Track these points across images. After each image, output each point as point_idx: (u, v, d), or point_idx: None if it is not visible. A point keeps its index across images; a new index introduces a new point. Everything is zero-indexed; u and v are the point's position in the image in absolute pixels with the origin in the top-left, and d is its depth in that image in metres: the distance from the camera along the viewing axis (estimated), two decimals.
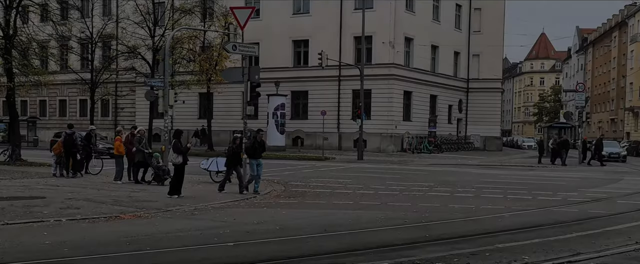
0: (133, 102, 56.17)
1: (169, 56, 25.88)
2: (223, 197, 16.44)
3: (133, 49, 43.03)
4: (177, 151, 16.31)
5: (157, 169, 19.44)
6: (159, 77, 26.58)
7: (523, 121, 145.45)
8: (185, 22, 40.69)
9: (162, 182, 19.04)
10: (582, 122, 41.22)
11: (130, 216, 12.86)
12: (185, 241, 9.96)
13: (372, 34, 45.12)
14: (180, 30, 37.73)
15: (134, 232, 10.85)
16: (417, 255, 8.56)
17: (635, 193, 18.65)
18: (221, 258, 8.48)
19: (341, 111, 47.95)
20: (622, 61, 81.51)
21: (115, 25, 47.48)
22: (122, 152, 19.99)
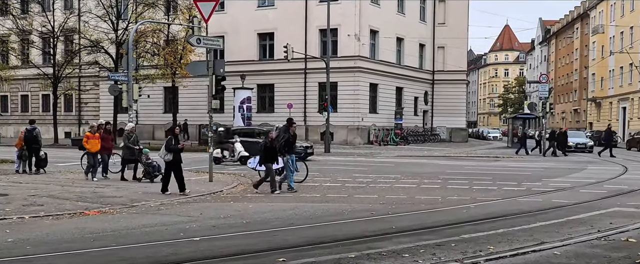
0: (97, 97, 55.52)
1: (132, 50, 25.62)
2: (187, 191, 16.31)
3: (96, 43, 42.43)
4: (168, 149, 15.94)
5: (147, 166, 19.01)
6: (123, 72, 26.24)
7: (488, 112, 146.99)
8: (149, 16, 40.26)
9: (152, 179, 18.64)
10: (546, 113, 41.73)
11: (95, 213, 12.71)
12: (151, 237, 9.87)
13: (338, 27, 45.15)
14: (143, 24, 37.31)
15: (99, 228, 10.72)
16: (384, 247, 8.57)
17: (598, 183, 18.92)
18: (187, 253, 8.41)
19: (308, 103, 47.94)
20: (584, 52, 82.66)
21: (77, 19, 46.77)
22: (90, 148, 19.29)
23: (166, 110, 51.32)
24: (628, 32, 64.76)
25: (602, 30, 72.69)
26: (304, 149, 29.10)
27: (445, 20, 57.07)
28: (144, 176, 19.05)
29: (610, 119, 69.54)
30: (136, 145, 19.43)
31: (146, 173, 19.00)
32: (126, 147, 19.35)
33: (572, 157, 34.56)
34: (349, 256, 7.95)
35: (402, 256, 7.98)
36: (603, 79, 73.88)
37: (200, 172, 21.08)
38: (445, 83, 57.12)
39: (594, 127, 72.29)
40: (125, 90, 24.43)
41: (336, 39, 46.23)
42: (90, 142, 19.32)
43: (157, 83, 43.07)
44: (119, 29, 41.35)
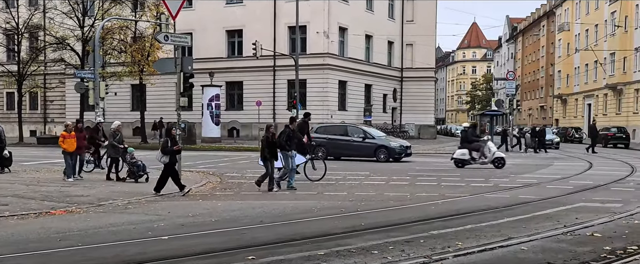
0: (63, 95, 54.90)
1: (99, 47, 25.38)
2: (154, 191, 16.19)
3: (62, 40, 41.90)
4: (164, 152, 15.64)
5: (131, 165, 18.47)
6: (89, 69, 26.02)
7: (456, 109, 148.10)
8: (116, 12, 39.91)
9: (136, 179, 18.19)
10: (513, 110, 42.13)
11: (61, 212, 12.54)
12: (119, 236, 9.77)
13: (306, 24, 45.17)
14: (110, 21, 36.99)
15: (65, 228, 10.59)
16: (353, 244, 8.59)
17: (564, 178, 19.16)
18: (156, 252, 8.34)
19: (277, 101, 47.90)
20: (550, 50, 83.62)
21: (43, 15, 46.13)
22: (67, 148, 18.68)
23: (134, 108, 50.94)
24: (593, 30, 65.66)
25: (568, 27, 73.60)
26: (403, 149, 28.00)
27: (414, 18, 57.39)
28: (128, 176, 18.56)
29: (576, 116, 70.48)
30: (121, 144, 18.98)
31: (130, 173, 18.47)
32: (111, 145, 18.93)
33: (540, 153, 34.94)
34: (319, 254, 7.95)
35: (371, 253, 8.00)
36: (569, 76, 74.81)
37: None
38: (414, 80, 57.45)
39: (560, 123, 73.20)
40: (91, 88, 24.23)
41: (305, 36, 46.26)
42: (67, 141, 18.71)
43: (124, 81, 42.68)
44: (85, 25, 40.89)
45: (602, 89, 62.42)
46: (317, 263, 7.50)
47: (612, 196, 14.38)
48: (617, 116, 57.25)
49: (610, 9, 60.13)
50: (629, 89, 56.60)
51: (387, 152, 27.42)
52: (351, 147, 28.11)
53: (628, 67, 56.56)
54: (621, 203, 13.04)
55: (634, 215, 11.28)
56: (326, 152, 26.95)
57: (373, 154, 27.55)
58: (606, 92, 61.70)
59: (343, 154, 27.84)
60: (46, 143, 42.05)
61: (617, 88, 58.67)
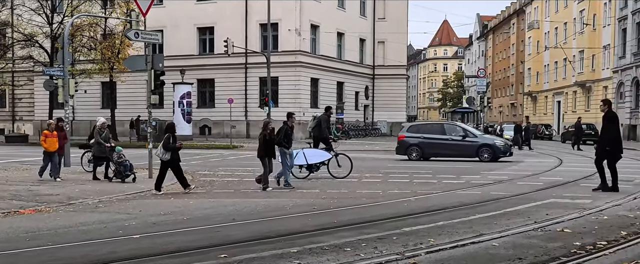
0: (32, 93, 54.20)
1: (68, 44, 25.10)
2: (126, 188, 16.06)
3: (30, 37, 41.38)
4: (166, 148, 15.48)
5: (118, 165, 17.93)
6: (59, 66, 25.72)
7: (428, 106, 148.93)
8: (85, 9, 39.49)
9: (123, 178, 17.68)
10: (484, 107, 42.52)
11: (30, 211, 12.38)
12: (90, 235, 9.66)
13: (278, 21, 45.10)
14: (79, 17, 36.60)
15: (34, 227, 10.45)
16: (326, 241, 8.58)
17: (534, 175, 19.33)
18: (127, 251, 8.25)
19: (249, 98, 47.77)
20: (520, 48, 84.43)
21: (10, 12, 45.50)
22: (48, 147, 18.15)
23: (104, 105, 50.51)
24: (562, 28, 66.39)
25: (537, 25, 74.36)
26: (508, 147, 26.29)
27: (385, 15, 57.57)
28: (115, 176, 17.99)
29: (546, 113, 71.23)
30: (107, 142, 18.40)
31: (117, 173, 17.91)
32: (97, 144, 18.33)
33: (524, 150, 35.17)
34: (291, 251, 7.92)
35: (344, 250, 8.00)
36: (538, 74, 75.60)
37: (140, 168, 20.71)
38: (386, 78, 57.65)
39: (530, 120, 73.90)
40: (60, 85, 23.95)
41: (277, 33, 46.20)
42: (48, 141, 18.20)
43: (94, 78, 42.30)
44: (54, 22, 40.42)
45: (571, 86, 63.14)
46: (290, 260, 7.47)
47: (581, 192, 14.53)
48: (586, 113, 57.91)
49: (579, 7, 60.83)
50: (597, 86, 57.34)
51: (491, 151, 25.47)
52: (450, 147, 26.06)
53: (596, 64, 57.28)
54: (591, 198, 13.18)
55: (603, 211, 11.40)
56: (421, 153, 25.88)
57: (475, 153, 25.48)
58: (575, 89, 62.42)
59: (440, 155, 25.94)
60: (14, 142, 41.53)
61: (586, 85, 59.38)
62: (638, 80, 46.97)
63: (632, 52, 48.16)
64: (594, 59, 57.58)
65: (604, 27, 55.23)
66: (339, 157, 18.85)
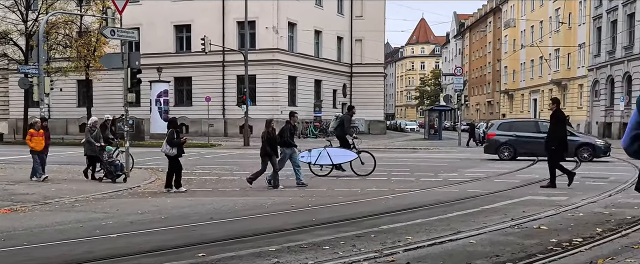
0: (6, 91, 53.60)
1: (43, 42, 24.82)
2: (103, 187, 15.95)
3: (4, 35, 40.86)
4: (171, 143, 15.37)
5: (108, 165, 17.41)
6: (33, 64, 25.45)
7: (405, 104, 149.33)
8: (60, 6, 39.08)
9: (114, 179, 17.15)
10: (461, 105, 42.69)
11: (5, 210, 12.24)
12: (66, 235, 9.56)
13: (255, 19, 44.99)
14: (55, 15, 36.25)
15: (9, 227, 10.34)
16: (305, 239, 8.57)
17: (511, 172, 19.47)
18: (104, 250, 8.18)
19: (226, 96, 47.63)
20: (497, 46, 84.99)
21: None
22: (34, 146, 17.57)
23: (80, 104, 50.08)
24: (538, 26, 66.91)
25: (514, 24, 74.86)
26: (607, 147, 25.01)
27: (363, 14, 57.62)
28: (105, 176, 17.48)
29: (522, 111, 71.75)
30: (98, 141, 17.76)
31: (107, 172, 17.38)
32: (87, 142, 17.74)
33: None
34: (270, 250, 7.91)
35: (322, 248, 8.00)
36: (515, 72, 76.14)
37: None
38: (363, 76, 57.72)
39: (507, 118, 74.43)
40: (36, 83, 23.69)
41: (254, 31, 46.10)
42: (35, 139, 17.64)
43: (70, 76, 41.89)
44: (29, 20, 39.97)
45: (547, 84, 63.65)
46: (268, 259, 7.46)
47: (557, 189, 14.64)
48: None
49: (555, 6, 61.31)
50: (573, 84, 57.86)
51: (592, 150, 24.38)
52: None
53: (572, 63, 57.79)
54: (567, 195, 13.29)
55: (578, 208, 11.51)
56: (513, 152, 25.00)
57: (574, 152, 23.36)
58: (551, 87, 62.92)
59: (536, 154, 23.63)
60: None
61: (562, 83, 59.90)
62: (613, 78, 47.46)
63: (606, 50, 48.66)
64: (570, 57, 58.09)
65: (579, 25, 55.73)
66: (362, 155, 18.75)
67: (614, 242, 8.21)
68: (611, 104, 47.58)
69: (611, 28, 48.23)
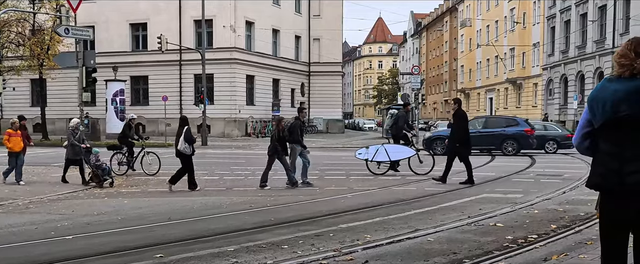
0: None
1: None
2: (58, 188, 15.70)
3: None
4: (189, 140, 15.20)
5: (95, 168, 16.70)
6: None
7: (363, 103, 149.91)
8: (13, 4, 38.28)
9: (101, 182, 16.54)
10: (418, 104, 43.04)
11: None
12: (20, 237, 9.39)
13: (213, 18, 44.73)
14: (6, 13, 35.53)
15: None
16: (264, 239, 8.56)
17: None
18: (60, 252, 8.05)
19: (183, 96, 47.26)
20: (453, 45, 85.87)
21: None
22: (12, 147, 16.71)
23: (33, 103, 49.22)
24: (493, 26, 67.81)
25: (470, 23, 75.74)
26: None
27: (320, 13, 57.69)
28: (90, 179, 16.76)
29: (479, 109, 72.63)
30: (82, 143, 17.18)
31: (94, 176, 16.65)
32: (71, 145, 17.03)
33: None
34: (228, 250, 7.88)
35: (282, 248, 7.99)
36: (471, 71, 77.05)
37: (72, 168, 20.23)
38: (321, 75, 57.80)
39: None
40: None
41: (211, 30, 45.82)
42: (12, 140, 16.74)
43: (23, 75, 41.13)
44: None
45: (503, 83, 64.57)
46: (227, 259, 7.43)
47: (513, 187, 14.87)
48: (517, 109, 59.32)
49: (510, 6, 62.21)
50: (528, 83, 58.78)
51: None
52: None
53: (527, 62, 58.72)
54: (522, 193, 13.50)
55: (534, 205, 11.70)
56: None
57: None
58: (507, 86, 63.85)
59: None
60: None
61: (517, 82, 60.82)
62: (566, 77, 48.33)
63: (560, 50, 49.54)
64: (524, 56, 59.01)
65: (533, 25, 56.64)
66: (420, 153, 18.39)
67: (567, 238, 8.36)
68: (565, 102, 48.45)
69: (564, 28, 49.12)
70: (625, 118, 3.84)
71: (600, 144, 4.01)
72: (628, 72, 3.92)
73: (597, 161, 4.04)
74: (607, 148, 3.96)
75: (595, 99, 4.00)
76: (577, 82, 46.33)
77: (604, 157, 3.99)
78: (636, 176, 3.84)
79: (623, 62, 3.97)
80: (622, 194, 3.93)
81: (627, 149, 3.89)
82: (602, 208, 4.10)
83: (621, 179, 3.88)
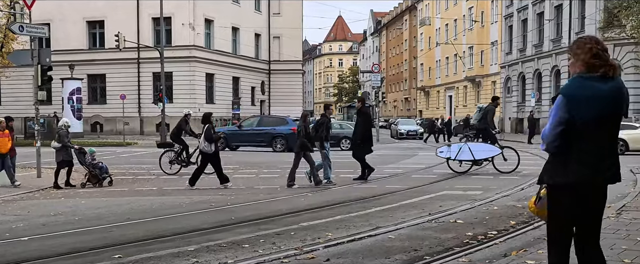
0: None
1: None
2: (13, 189, 15.38)
3: None
4: (209, 139, 14.90)
5: (92, 167, 16.28)
6: None
7: (324, 101, 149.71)
8: None
9: (101, 182, 16.17)
10: (379, 102, 43.21)
11: None
12: None
13: (171, 15, 44.36)
14: None
15: None
16: (224, 238, 8.48)
17: (428, 167, 19.81)
18: (15, 254, 7.87)
19: (142, 94, 46.76)
20: (413, 43, 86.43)
21: None
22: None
23: None
24: (452, 25, 68.39)
25: (429, 22, 76.30)
26: None
27: (280, 11, 57.60)
28: (88, 180, 16.26)
29: (438, 107, 73.25)
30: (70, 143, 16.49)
31: (92, 176, 16.19)
32: (63, 147, 16.23)
33: (402, 144, 35.96)
34: (188, 249, 7.78)
35: (242, 247, 7.93)
36: (431, 69, 77.64)
37: (28, 167, 19.88)
38: (282, 73, 57.72)
39: (423, 114, 75.87)
40: None
41: (170, 27, 45.45)
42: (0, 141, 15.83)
43: None
44: None
45: (461, 81, 65.18)
46: (187, 258, 7.34)
47: (473, 183, 14.99)
48: (476, 107, 59.87)
49: (468, 5, 62.84)
50: (486, 81, 59.44)
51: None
52: None
53: (485, 60, 59.38)
54: (481, 190, 13.61)
55: (493, 202, 11.80)
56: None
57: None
58: (466, 84, 64.48)
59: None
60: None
61: (476, 80, 61.45)
62: (524, 75, 48.98)
63: (518, 48, 50.18)
64: (483, 54, 59.66)
65: (491, 24, 57.30)
66: (505, 151, 17.85)
67: (526, 234, 8.43)
68: (523, 100, 49.10)
69: (522, 26, 49.77)
70: (609, 117, 3.97)
71: (579, 142, 4.04)
72: (611, 71, 4.03)
73: (574, 159, 4.05)
74: (587, 146, 4.02)
75: (575, 98, 4.01)
76: (534, 80, 46.98)
77: (583, 154, 4.03)
78: (612, 170, 4.09)
79: (597, 63, 4.04)
80: (595, 188, 4.10)
81: (605, 146, 4.06)
82: (560, 204, 4.15)
83: (601, 174, 4.05)
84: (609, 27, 34.86)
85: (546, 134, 4.12)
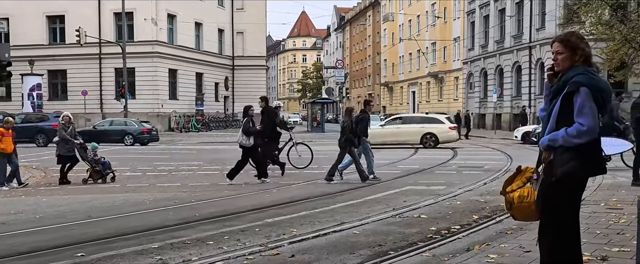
0: None
1: None
2: None
3: None
4: (247, 132, 14.70)
5: (95, 163, 16.00)
6: None
7: (288, 97, 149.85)
8: None
9: (103, 178, 15.87)
10: (343, 98, 43.31)
11: None
12: None
13: (133, 10, 43.95)
14: None
15: None
16: (188, 235, 8.42)
17: (392, 163, 19.91)
18: None
19: (104, 90, 46.26)
20: (376, 39, 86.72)
21: None
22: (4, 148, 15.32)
23: None
24: (415, 21, 68.80)
25: (392, 18, 76.62)
26: None
27: (244, 6, 57.42)
28: (90, 177, 15.95)
29: (402, 103, 73.65)
30: (75, 139, 16.08)
31: (94, 172, 15.90)
32: (64, 140, 15.89)
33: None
34: (152, 247, 7.72)
35: (207, 244, 7.89)
36: (394, 65, 77.99)
37: None
38: (246, 68, 57.54)
39: (387, 110, 76.18)
40: None
41: (132, 23, 45.01)
42: (5, 140, 15.34)
43: None
44: None
45: (425, 77, 65.61)
46: (150, 256, 7.27)
47: (436, 178, 15.11)
48: (439, 103, 60.43)
49: (431, 1, 63.25)
50: (449, 77, 59.93)
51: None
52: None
53: (448, 56, 59.85)
54: (445, 185, 13.72)
55: (456, 196, 11.90)
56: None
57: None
58: (429, 80, 64.93)
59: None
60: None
61: (439, 76, 61.93)
62: (486, 71, 49.48)
63: (480, 44, 50.68)
64: (446, 50, 60.13)
65: (454, 20, 57.75)
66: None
67: (489, 228, 8.51)
68: (485, 95, 49.60)
69: (484, 23, 50.27)
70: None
71: None
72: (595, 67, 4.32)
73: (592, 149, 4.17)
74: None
75: (600, 90, 4.13)
76: (496, 76, 47.50)
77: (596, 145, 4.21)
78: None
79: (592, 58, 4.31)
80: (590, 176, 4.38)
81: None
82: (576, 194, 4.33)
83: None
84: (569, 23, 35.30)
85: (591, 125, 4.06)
